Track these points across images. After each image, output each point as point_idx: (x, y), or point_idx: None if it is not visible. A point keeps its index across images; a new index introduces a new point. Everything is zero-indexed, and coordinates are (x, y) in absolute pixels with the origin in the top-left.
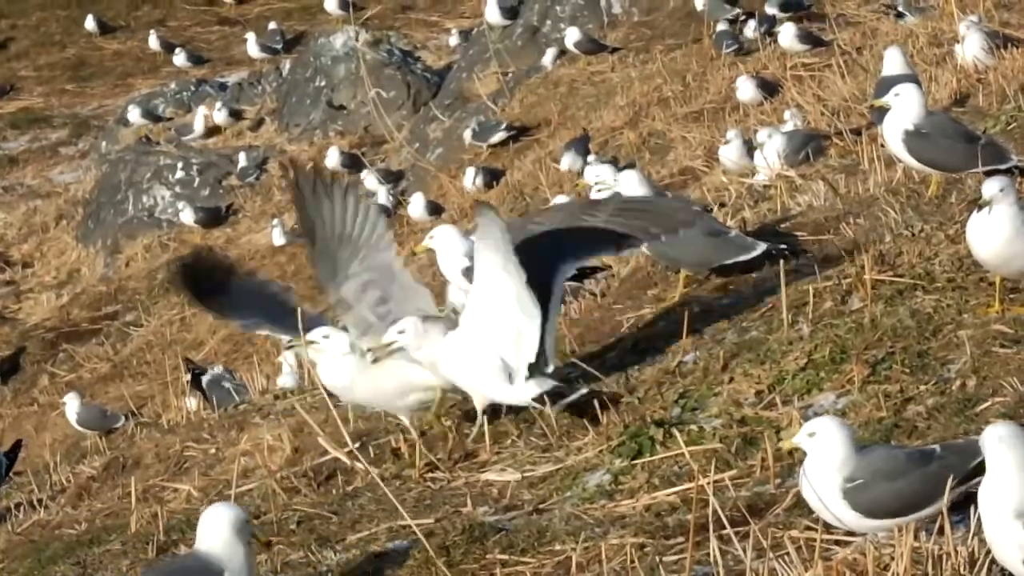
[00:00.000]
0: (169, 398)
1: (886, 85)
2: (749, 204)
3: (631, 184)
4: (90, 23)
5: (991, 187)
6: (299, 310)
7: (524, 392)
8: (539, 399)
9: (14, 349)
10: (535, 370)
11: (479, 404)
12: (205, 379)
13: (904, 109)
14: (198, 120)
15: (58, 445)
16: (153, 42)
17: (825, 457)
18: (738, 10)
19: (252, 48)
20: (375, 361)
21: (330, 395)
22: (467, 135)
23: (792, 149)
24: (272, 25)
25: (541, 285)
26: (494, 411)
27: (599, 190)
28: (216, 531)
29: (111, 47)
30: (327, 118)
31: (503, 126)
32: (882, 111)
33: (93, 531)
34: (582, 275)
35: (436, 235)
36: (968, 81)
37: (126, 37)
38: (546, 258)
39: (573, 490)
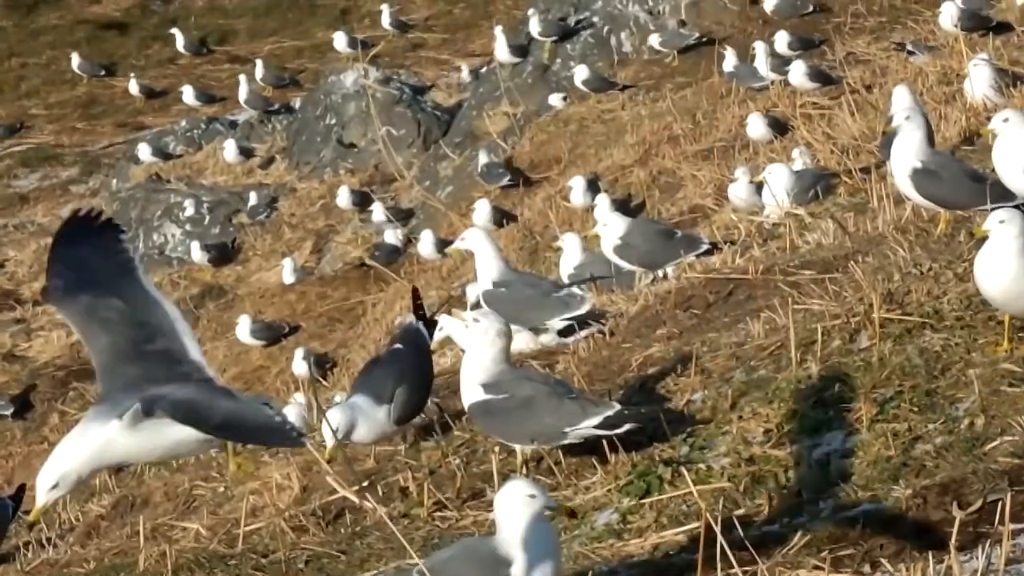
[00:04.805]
0: None
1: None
2: (758, 242)
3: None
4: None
5: (993, 218)
6: None
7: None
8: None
9: (24, 387)
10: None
11: (519, 455)
12: None
13: (910, 143)
14: None
15: None
16: (134, 88)
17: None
18: (765, 81)
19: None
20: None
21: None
22: (481, 159)
23: (801, 187)
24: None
25: None
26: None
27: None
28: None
29: (121, 85)
30: (337, 156)
31: (507, 177)
32: (890, 143)
33: (101, 570)
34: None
35: (467, 237)
36: (977, 119)
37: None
38: None
39: (581, 529)
